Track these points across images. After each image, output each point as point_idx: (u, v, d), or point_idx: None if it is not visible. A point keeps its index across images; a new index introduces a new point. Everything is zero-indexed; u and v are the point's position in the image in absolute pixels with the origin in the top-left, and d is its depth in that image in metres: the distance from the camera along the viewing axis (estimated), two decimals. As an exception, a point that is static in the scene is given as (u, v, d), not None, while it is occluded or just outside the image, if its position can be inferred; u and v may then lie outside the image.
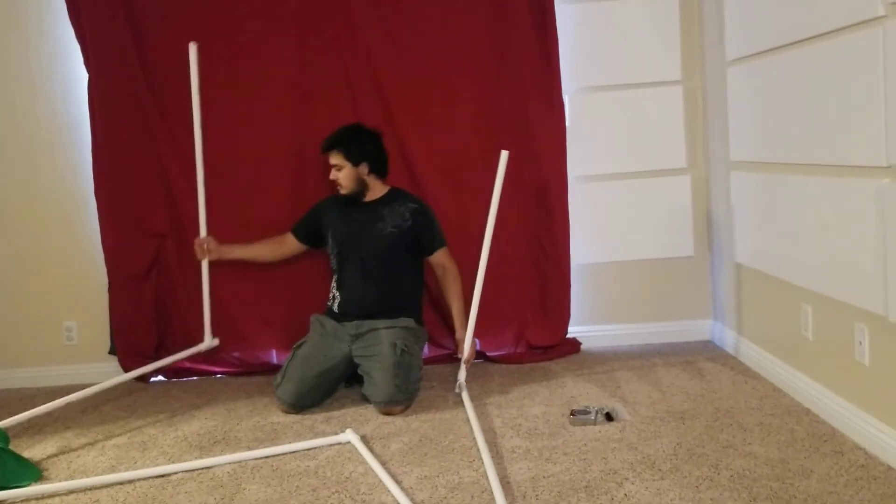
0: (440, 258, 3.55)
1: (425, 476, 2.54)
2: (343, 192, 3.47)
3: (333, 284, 3.56)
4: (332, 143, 3.44)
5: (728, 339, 3.75)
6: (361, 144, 3.46)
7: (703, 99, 3.88)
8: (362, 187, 3.48)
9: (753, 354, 3.44)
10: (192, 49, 3.50)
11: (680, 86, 3.87)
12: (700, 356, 3.68)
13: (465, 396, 3.21)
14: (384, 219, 3.47)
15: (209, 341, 3.69)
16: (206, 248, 3.57)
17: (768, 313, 3.32)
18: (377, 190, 3.52)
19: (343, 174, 3.43)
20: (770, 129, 3.15)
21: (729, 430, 2.74)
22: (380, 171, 3.52)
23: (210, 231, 3.60)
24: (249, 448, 2.89)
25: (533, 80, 3.74)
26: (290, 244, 3.66)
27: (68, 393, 3.69)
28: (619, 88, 3.86)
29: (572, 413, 2.97)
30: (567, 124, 3.79)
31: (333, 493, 2.46)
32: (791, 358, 3.10)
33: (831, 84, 2.64)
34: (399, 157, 3.73)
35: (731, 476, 2.38)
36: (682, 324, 3.98)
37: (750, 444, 2.61)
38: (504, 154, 3.28)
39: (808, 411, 2.88)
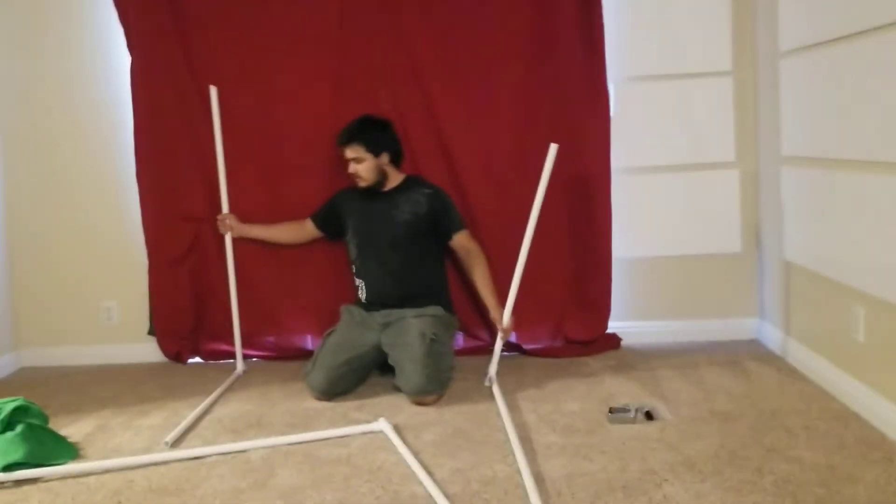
0: (461, 241, 3.51)
1: (458, 469, 2.50)
2: (363, 184, 3.44)
3: (354, 273, 3.55)
4: (351, 136, 3.40)
5: (774, 338, 3.64)
6: (381, 135, 3.44)
7: (753, 91, 3.76)
8: (383, 178, 3.46)
9: (801, 355, 3.34)
10: (213, 92, 3.57)
11: (730, 77, 3.76)
12: (745, 355, 3.58)
13: (495, 390, 3.17)
14: (400, 206, 3.45)
15: (241, 368, 3.71)
16: (228, 224, 3.64)
17: (818, 314, 3.21)
18: (394, 179, 3.50)
19: (364, 167, 3.40)
20: (825, 124, 3.03)
21: (773, 434, 2.65)
22: (397, 160, 3.51)
23: (243, 213, 3.67)
24: (283, 433, 2.88)
25: (577, 69, 3.66)
26: (308, 230, 3.68)
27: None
28: (667, 79, 3.77)
29: (611, 410, 2.90)
30: (612, 114, 3.71)
31: (365, 483, 2.43)
32: (840, 360, 2.99)
33: (894, 77, 2.53)
34: (438, 148, 3.69)
35: (775, 481, 2.30)
36: (726, 322, 3.88)
37: (795, 448, 2.53)
38: (553, 147, 3.22)
39: (856, 416, 2.78)
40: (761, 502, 2.17)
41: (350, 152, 3.40)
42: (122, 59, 3.79)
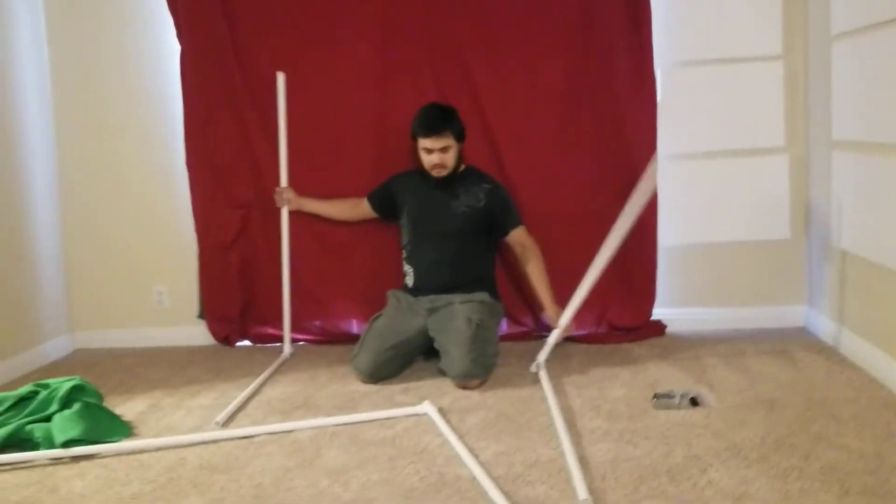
0: (518, 237, 3.50)
1: (502, 452, 2.51)
2: (443, 173, 3.43)
3: (405, 258, 3.57)
4: (444, 125, 3.38)
5: (824, 326, 3.59)
6: (460, 122, 3.45)
7: (804, 75, 3.70)
8: (458, 165, 3.46)
9: (851, 344, 3.29)
10: (280, 78, 3.61)
11: (780, 61, 3.70)
12: (793, 344, 3.53)
13: (542, 375, 3.18)
14: (459, 198, 3.46)
15: (288, 351, 3.76)
16: (286, 197, 3.68)
17: (869, 301, 3.16)
18: (458, 167, 3.50)
19: (450, 155, 3.41)
20: (879, 109, 2.97)
21: (821, 421, 2.62)
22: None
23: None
24: (329, 415, 2.92)
25: (623, 55, 3.64)
26: (363, 208, 3.71)
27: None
28: (716, 63, 3.72)
29: (655, 396, 2.90)
30: (659, 100, 3.67)
31: (410, 464, 2.46)
32: (891, 348, 2.94)
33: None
34: (482, 134, 3.70)
35: (822, 468, 2.27)
36: (774, 309, 3.83)
37: (843, 436, 2.49)
38: (654, 162, 3.23)
39: (907, 405, 2.74)
40: (808, 489, 2.15)
41: (441, 142, 3.37)
42: (173, 49, 3.86)
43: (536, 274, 3.45)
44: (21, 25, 3.82)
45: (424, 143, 3.39)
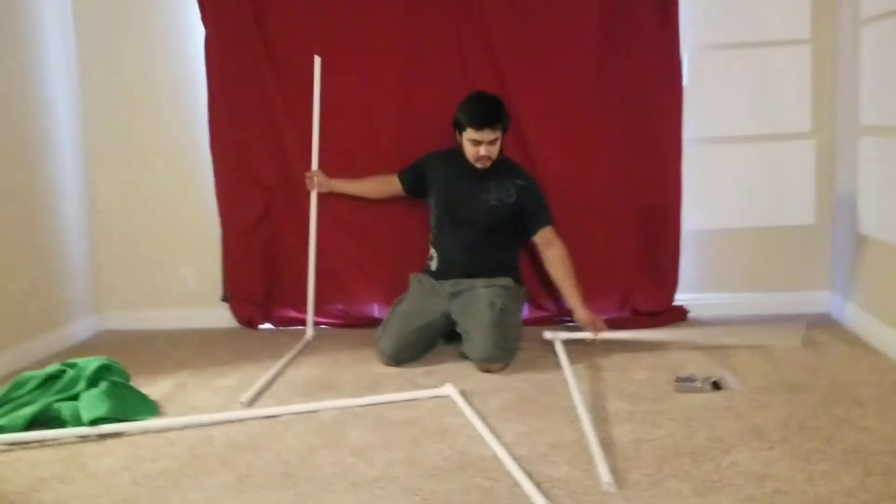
0: (546, 237, 3.46)
1: (524, 433, 2.53)
2: (488, 164, 3.41)
3: (431, 241, 3.58)
4: (497, 118, 3.36)
5: (848, 312, 3.57)
6: (508, 113, 3.44)
7: (832, 59, 3.67)
8: (500, 155, 3.47)
9: (874, 330, 3.27)
10: (317, 62, 3.63)
11: (808, 45, 3.67)
12: (816, 329, 3.52)
13: (559, 348, 3.20)
14: (490, 190, 3.45)
15: (311, 334, 3.79)
16: (317, 180, 3.70)
17: (893, 288, 3.14)
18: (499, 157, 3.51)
19: (497, 147, 3.40)
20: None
21: (844, 405, 2.62)
22: None
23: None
24: (352, 396, 2.95)
25: (650, 39, 3.62)
26: (394, 186, 3.71)
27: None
28: (743, 47, 3.71)
29: (678, 379, 2.90)
30: (685, 84, 3.66)
31: (433, 443, 2.48)
32: (916, 334, 2.93)
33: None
34: (511, 123, 3.69)
35: (845, 450, 2.27)
36: (797, 295, 3.82)
37: (866, 418, 2.49)
38: None
39: (931, 389, 2.73)
40: (830, 470, 2.15)
41: (492, 134, 3.34)
42: (197, 32, 3.89)
43: (564, 276, 3.39)
44: (46, 8, 3.86)
45: (474, 135, 3.34)
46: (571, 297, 3.39)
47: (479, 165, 3.40)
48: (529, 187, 3.49)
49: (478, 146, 3.35)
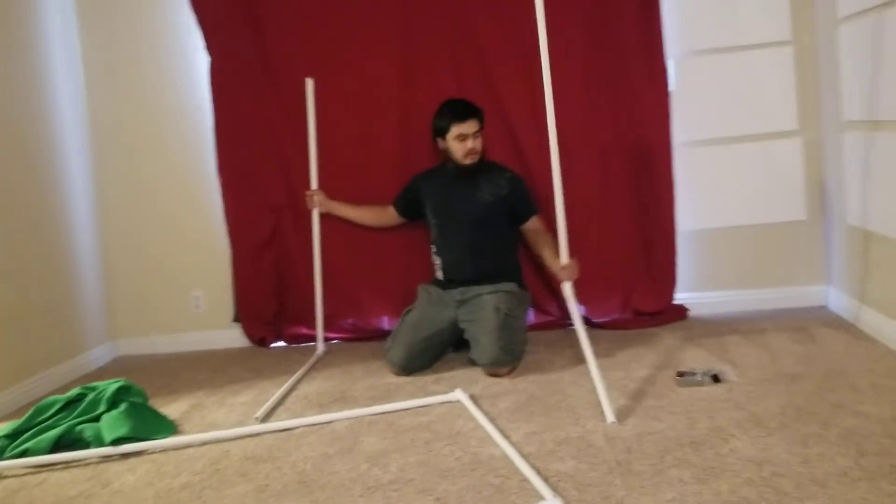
0: (534, 224, 3.63)
1: (533, 432, 2.62)
2: (476, 158, 3.53)
3: (434, 253, 3.68)
4: (474, 108, 3.50)
5: (843, 303, 3.66)
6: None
7: (814, 58, 3.77)
8: (484, 152, 3.59)
9: (870, 318, 3.35)
10: (309, 84, 3.74)
11: (790, 46, 3.78)
12: (813, 321, 3.61)
13: (566, 287, 3.21)
14: (482, 188, 3.56)
15: (322, 349, 3.88)
16: (316, 199, 3.81)
17: (887, 276, 3.22)
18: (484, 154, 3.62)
19: (480, 139, 3.53)
20: (885, 87, 3.04)
21: (840, 391, 2.70)
22: None
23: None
24: (365, 406, 3.03)
25: (636, 47, 3.73)
26: (390, 215, 3.83)
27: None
28: (727, 51, 3.81)
29: (679, 374, 2.99)
30: (673, 89, 3.77)
31: (446, 446, 2.57)
32: (909, 320, 3.02)
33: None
34: (503, 128, 3.80)
35: (840, 433, 2.35)
36: (794, 289, 3.90)
37: (861, 403, 2.57)
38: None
39: (926, 374, 2.81)
40: (825, 453, 2.23)
41: (474, 125, 3.48)
42: (202, 60, 4.02)
43: (548, 253, 3.47)
44: (56, 43, 4.00)
45: (460, 128, 3.47)
46: (553, 263, 3.40)
47: (468, 161, 3.52)
48: (518, 179, 3.63)
49: (465, 140, 3.48)
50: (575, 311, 3.14)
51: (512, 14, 3.76)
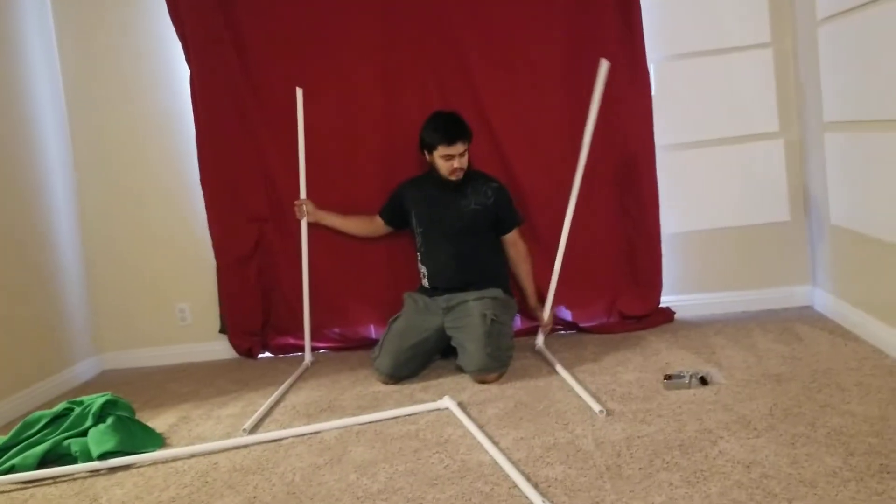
0: (514, 236, 3.67)
1: (521, 437, 2.62)
2: (460, 176, 3.54)
3: (420, 261, 3.68)
4: (463, 131, 3.50)
5: (828, 303, 3.68)
6: (467, 124, 3.57)
7: (794, 60, 3.80)
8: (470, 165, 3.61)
9: (854, 317, 3.38)
10: (299, 94, 3.75)
11: (770, 48, 3.80)
12: (798, 321, 3.63)
13: (545, 351, 3.51)
14: (468, 197, 3.57)
15: (309, 359, 3.86)
16: (305, 209, 3.80)
17: (870, 275, 3.24)
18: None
19: (466, 157, 3.54)
20: (865, 87, 3.07)
21: (826, 391, 2.72)
22: None
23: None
24: (353, 415, 3.03)
25: (616, 51, 3.73)
26: (377, 224, 3.83)
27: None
28: (707, 55, 3.83)
29: (666, 377, 2.99)
30: (654, 93, 3.79)
31: (434, 454, 2.57)
32: (892, 318, 3.03)
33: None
34: (485, 133, 3.79)
35: (828, 433, 2.37)
36: (779, 290, 3.92)
37: (848, 402, 2.59)
38: (604, 64, 3.43)
39: (910, 371, 2.82)
40: (814, 453, 2.24)
41: (461, 147, 3.48)
42: (182, 72, 4.01)
43: (525, 275, 3.71)
44: (35, 55, 3.98)
45: (447, 151, 3.47)
46: (531, 295, 3.74)
47: (453, 178, 3.53)
48: (503, 189, 3.64)
49: (451, 160, 3.49)
50: (549, 356, 3.45)
51: (496, 24, 3.77)
